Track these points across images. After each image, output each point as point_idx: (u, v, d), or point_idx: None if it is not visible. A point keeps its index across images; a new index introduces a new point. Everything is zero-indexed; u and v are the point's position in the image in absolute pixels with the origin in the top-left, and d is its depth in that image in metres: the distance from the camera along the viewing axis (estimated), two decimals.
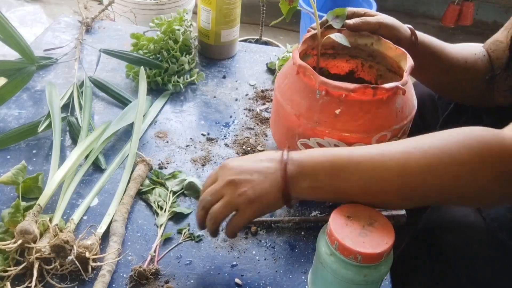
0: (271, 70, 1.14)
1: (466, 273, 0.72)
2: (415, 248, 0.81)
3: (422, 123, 0.99)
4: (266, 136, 0.94)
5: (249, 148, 0.91)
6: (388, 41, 0.82)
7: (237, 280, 0.68)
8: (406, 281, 0.81)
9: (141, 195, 0.79)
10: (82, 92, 0.96)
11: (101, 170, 0.83)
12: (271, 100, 1.03)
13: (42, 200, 0.71)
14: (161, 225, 0.74)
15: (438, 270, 0.76)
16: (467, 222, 0.71)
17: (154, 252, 0.70)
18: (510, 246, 0.68)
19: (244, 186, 0.61)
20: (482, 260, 0.71)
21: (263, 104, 1.03)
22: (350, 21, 0.80)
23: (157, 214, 0.76)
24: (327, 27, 0.81)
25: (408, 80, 0.74)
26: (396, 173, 0.57)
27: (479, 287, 0.72)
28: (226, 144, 0.92)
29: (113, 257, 0.67)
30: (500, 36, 0.85)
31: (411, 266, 0.81)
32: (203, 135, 0.94)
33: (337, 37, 0.77)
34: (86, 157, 0.83)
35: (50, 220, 0.70)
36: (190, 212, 0.77)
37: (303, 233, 0.76)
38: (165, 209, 0.76)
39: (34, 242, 0.65)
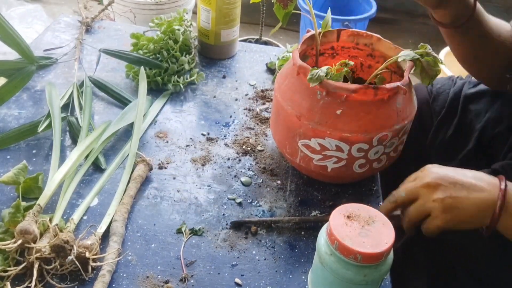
0: (271, 70, 1.14)
1: (465, 270, 0.72)
2: (414, 244, 0.81)
3: (420, 127, 0.99)
4: (266, 136, 0.94)
5: (249, 148, 0.91)
6: (388, 41, 0.82)
7: (237, 280, 0.68)
8: (405, 277, 0.81)
9: None
10: (82, 92, 0.96)
11: (101, 170, 0.83)
12: (271, 100, 1.03)
13: (42, 200, 0.71)
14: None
15: (437, 266, 0.76)
16: None
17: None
18: (510, 243, 0.67)
19: (442, 193, 0.59)
20: (481, 257, 0.70)
21: (263, 104, 1.03)
22: None
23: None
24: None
25: (408, 80, 0.74)
26: None
27: (478, 284, 0.72)
28: (226, 144, 0.92)
29: (113, 257, 0.66)
30: None
31: (410, 262, 0.81)
32: (203, 135, 0.93)
33: None
34: (86, 157, 0.83)
35: (50, 220, 0.70)
36: None
37: (303, 233, 0.76)
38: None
39: (34, 242, 0.65)
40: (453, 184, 0.59)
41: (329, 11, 0.82)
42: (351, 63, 0.74)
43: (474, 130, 0.87)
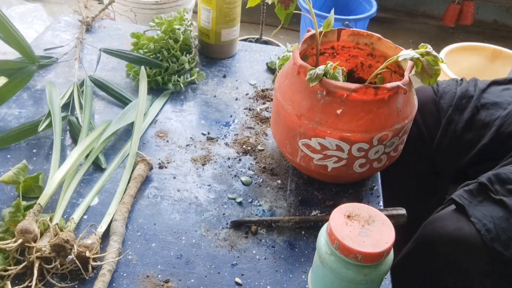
0: (271, 70, 1.14)
1: (461, 286, 0.72)
2: (410, 260, 0.81)
3: (424, 127, 0.99)
4: (266, 135, 0.94)
5: (249, 148, 0.91)
6: (388, 40, 0.82)
7: (237, 280, 0.68)
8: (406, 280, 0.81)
9: None
10: (82, 91, 0.96)
11: (102, 170, 0.83)
12: (271, 99, 1.03)
13: (43, 199, 0.71)
14: None
15: (433, 282, 0.76)
16: (461, 234, 0.71)
17: None
18: (506, 257, 0.67)
19: None
20: (477, 272, 0.70)
21: (263, 103, 1.03)
22: None
23: None
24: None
25: (408, 80, 0.74)
26: None
27: None
28: (226, 144, 0.92)
29: (114, 257, 0.67)
30: None
31: (407, 278, 0.81)
32: (204, 134, 0.94)
33: None
34: (87, 156, 0.83)
35: (51, 219, 0.70)
36: None
37: (303, 232, 0.76)
38: None
39: (35, 241, 0.65)
40: None
41: (332, 11, 0.82)
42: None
43: (490, 125, 0.87)
